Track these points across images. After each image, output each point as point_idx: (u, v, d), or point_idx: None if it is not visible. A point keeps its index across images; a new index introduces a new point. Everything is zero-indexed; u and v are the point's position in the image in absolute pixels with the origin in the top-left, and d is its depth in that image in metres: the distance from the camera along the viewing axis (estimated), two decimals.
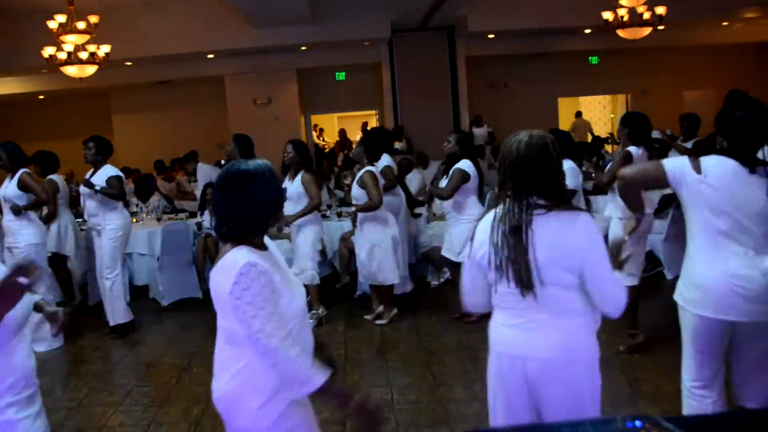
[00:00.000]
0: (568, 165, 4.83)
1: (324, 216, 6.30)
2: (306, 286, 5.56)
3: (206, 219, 6.90)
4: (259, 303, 1.89)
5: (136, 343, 5.57)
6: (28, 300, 2.12)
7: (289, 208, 5.55)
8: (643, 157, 4.42)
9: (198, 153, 10.43)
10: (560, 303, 2.17)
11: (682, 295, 2.67)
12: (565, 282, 2.16)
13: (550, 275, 2.14)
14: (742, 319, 2.53)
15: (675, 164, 2.63)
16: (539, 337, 2.18)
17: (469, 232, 2.33)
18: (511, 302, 2.23)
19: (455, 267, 5.30)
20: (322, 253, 6.21)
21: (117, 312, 5.55)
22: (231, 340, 2.03)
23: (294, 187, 5.40)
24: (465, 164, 5.17)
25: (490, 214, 2.27)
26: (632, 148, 4.41)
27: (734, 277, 2.50)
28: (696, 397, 2.72)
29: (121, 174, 5.58)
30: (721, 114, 2.64)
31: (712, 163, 2.55)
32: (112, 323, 5.58)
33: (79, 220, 6.52)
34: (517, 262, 2.14)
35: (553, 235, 2.13)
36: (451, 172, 5.20)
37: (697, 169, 2.53)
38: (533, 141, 2.18)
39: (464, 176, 5.13)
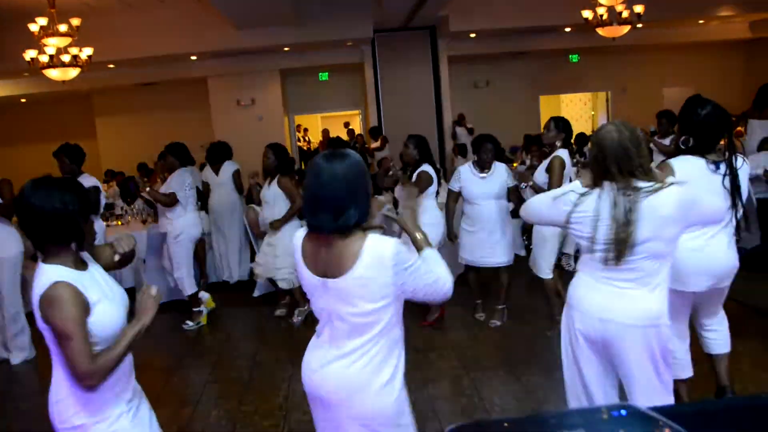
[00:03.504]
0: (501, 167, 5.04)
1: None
2: (290, 289, 5.62)
3: None
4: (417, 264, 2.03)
5: None
6: (123, 310, 2.18)
7: (266, 212, 5.60)
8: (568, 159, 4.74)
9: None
10: (645, 272, 2.37)
11: None
12: (656, 251, 2.34)
13: (645, 248, 2.33)
14: (705, 289, 3.07)
15: None
16: (621, 303, 2.40)
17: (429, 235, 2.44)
18: (599, 267, 2.42)
19: None
20: None
21: None
22: (361, 330, 2.06)
23: (270, 190, 5.47)
24: (428, 169, 5.12)
25: (594, 194, 2.41)
26: (562, 152, 4.63)
27: (698, 255, 2.98)
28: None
29: (98, 185, 5.40)
30: (682, 114, 3.06)
31: (680, 164, 2.97)
32: None
33: None
34: (618, 240, 2.33)
35: (655, 214, 2.32)
36: (416, 176, 5.11)
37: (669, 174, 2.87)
38: (622, 127, 2.40)
39: (430, 180, 5.09)
